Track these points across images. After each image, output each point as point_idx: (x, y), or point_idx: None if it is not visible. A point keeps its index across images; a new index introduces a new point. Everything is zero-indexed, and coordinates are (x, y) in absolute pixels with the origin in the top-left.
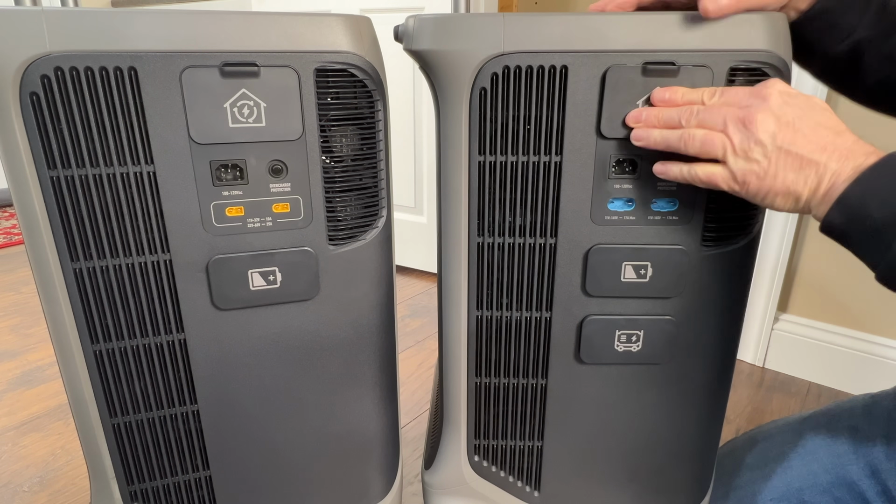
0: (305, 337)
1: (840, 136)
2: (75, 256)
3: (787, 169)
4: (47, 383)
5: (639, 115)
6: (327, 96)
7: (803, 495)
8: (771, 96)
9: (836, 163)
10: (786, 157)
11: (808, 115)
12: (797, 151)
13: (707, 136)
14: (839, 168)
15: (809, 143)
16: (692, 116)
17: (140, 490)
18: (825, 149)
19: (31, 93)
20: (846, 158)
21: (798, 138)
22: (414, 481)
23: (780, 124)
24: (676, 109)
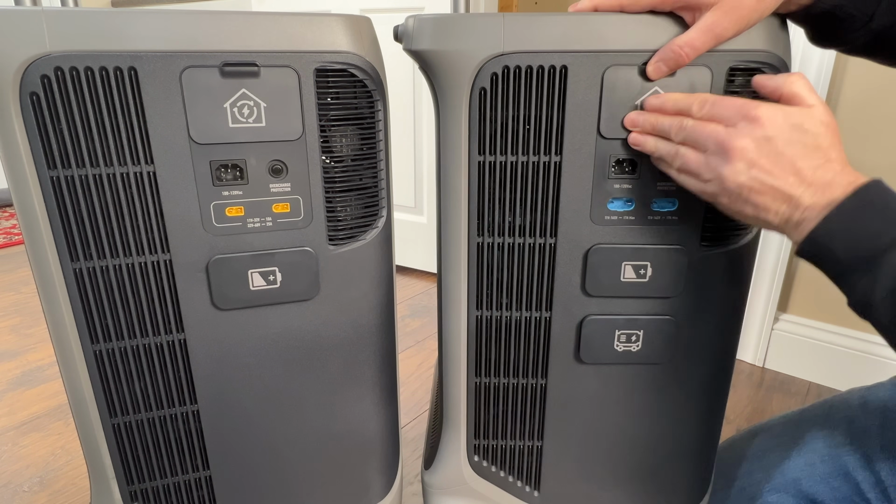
0: (305, 337)
1: (822, 167)
2: (75, 256)
3: (758, 197)
4: (47, 383)
5: (635, 120)
6: (327, 96)
7: (801, 485)
8: (759, 119)
9: (811, 197)
10: (760, 186)
11: (795, 141)
12: (771, 183)
13: (686, 155)
14: (812, 202)
15: (787, 175)
16: (680, 130)
17: (140, 490)
18: (803, 181)
19: (31, 93)
20: (822, 192)
21: (776, 170)
22: (414, 481)
23: (761, 153)
24: (668, 119)
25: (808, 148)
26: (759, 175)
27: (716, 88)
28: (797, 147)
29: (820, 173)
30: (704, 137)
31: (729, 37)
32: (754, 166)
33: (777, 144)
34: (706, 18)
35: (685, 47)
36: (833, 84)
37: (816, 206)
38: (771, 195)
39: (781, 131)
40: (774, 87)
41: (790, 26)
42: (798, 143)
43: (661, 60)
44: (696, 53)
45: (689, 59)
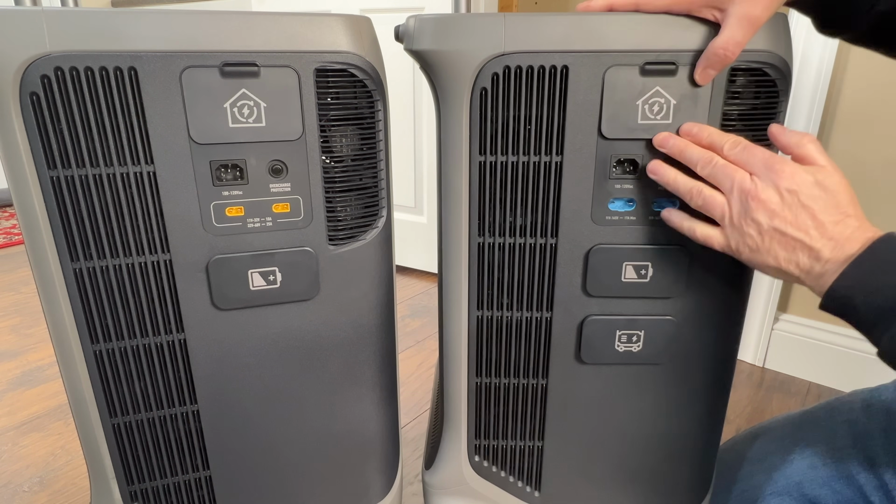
0: (305, 337)
1: (842, 222)
2: (75, 256)
3: (780, 248)
4: (47, 383)
5: (665, 141)
6: (327, 96)
7: (803, 488)
8: (783, 174)
9: (830, 251)
10: (780, 237)
11: (817, 196)
12: (793, 234)
13: (711, 198)
14: (832, 256)
15: (808, 228)
16: (707, 165)
17: (140, 490)
18: (823, 234)
19: (31, 93)
20: (841, 247)
21: (799, 221)
22: (414, 481)
23: (783, 205)
24: (698, 151)
25: (829, 204)
26: (781, 226)
27: (717, 89)
28: (818, 202)
29: (839, 228)
30: (730, 181)
31: (765, 19)
32: (776, 217)
33: (800, 198)
34: (737, 9)
35: (729, 45)
36: (833, 84)
37: (836, 261)
38: (792, 246)
39: (804, 186)
40: (787, 143)
41: (791, 27)
42: (819, 198)
43: (708, 66)
44: (740, 48)
45: (734, 57)
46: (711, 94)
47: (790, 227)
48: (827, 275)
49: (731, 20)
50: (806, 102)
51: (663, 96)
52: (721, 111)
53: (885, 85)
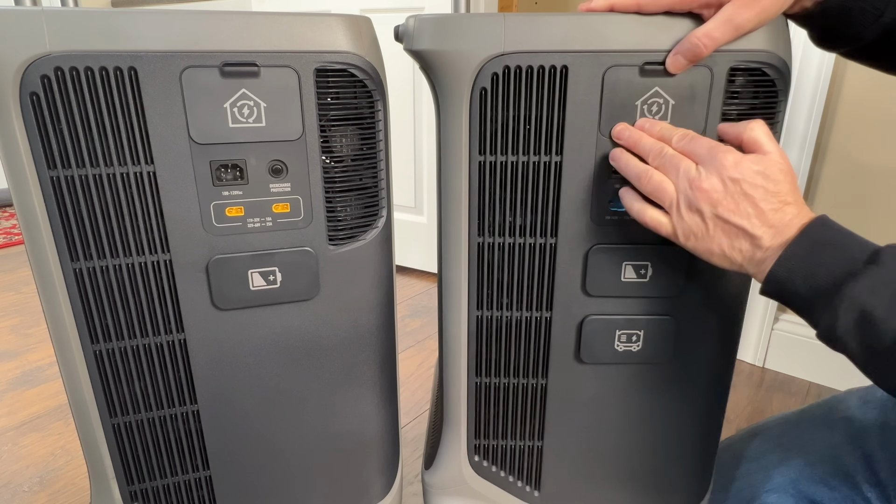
0: (305, 337)
1: (781, 210)
2: (75, 256)
3: (723, 235)
4: (47, 383)
5: (620, 133)
6: (327, 96)
7: (800, 486)
8: (727, 162)
9: (770, 238)
10: (724, 225)
11: (758, 186)
12: (735, 222)
13: (660, 185)
14: (771, 243)
15: (749, 215)
16: (658, 156)
17: (140, 490)
18: (764, 222)
19: (31, 93)
20: (780, 233)
21: (740, 209)
22: (414, 481)
23: (726, 193)
24: (650, 142)
25: (769, 192)
26: (723, 213)
27: (716, 89)
28: (759, 190)
29: (779, 216)
30: (678, 171)
31: (749, 29)
32: (719, 205)
33: (742, 186)
34: (725, 10)
35: (703, 38)
36: (833, 84)
37: (775, 247)
38: (735, 234)
39: (747, 174)
40: (735, 133)
41: (791, 27)
42: (760, 186)
43: (679, 53)
44: (716, 45)
45: (708, 51)
46: (710, 94)
47: (732, 214)
48: (767, 261)
49: (717, 17)
50: (806, 102)
51: (662, 96)
52: (720, 111)
53: (885, 85)
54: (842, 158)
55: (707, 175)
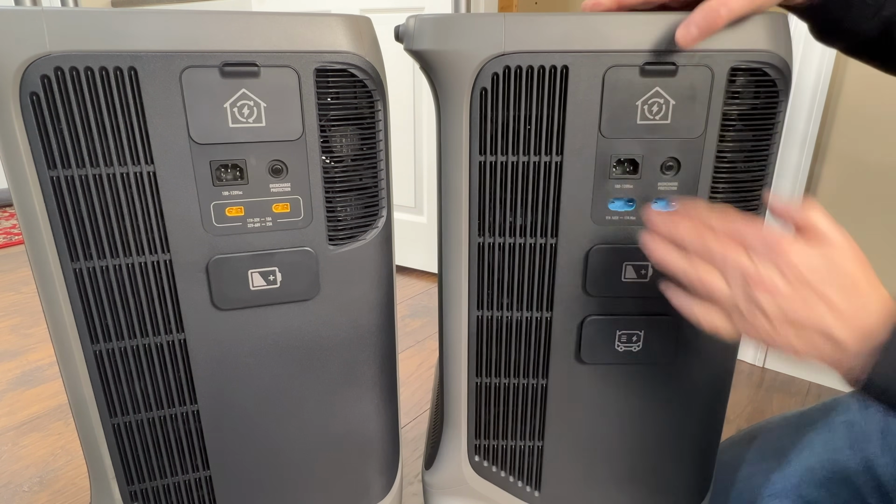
0: (305, 337)
1: (864, 308)
2: (75, 256)
3: (796, 338)
4: (47, 383)
5: (652, 220)
6: (327, 96)
7: (800, 490)
8: (787, 252)
9: (856, 342)
10: (793, 327)
11: (829, 281)
12: (807, 323)
13: (710, 284)
14: (860, 348)
15: (823, 315)
16: (701, 248)
17: (140, 490)
18: (844, 324)
19: (31, 93)
20: (867, 336)
21: (811, 308)
22: (414, 481)
23: (791, 289)
24: (688, 228)
25: (844, 287)
26: (791, 314)
27: (717, 89)
28: (832, 286)
29: (862, 315)
30: (724, 260)
31: (766, 5)
32: (784, 303)
33: (809, 280)
34: None
35: (722, 7)
36: (833, 84)
37: (863, 352)
38: (809, 337)
39: (814, 266)
40: (788, 213)
41: (791, 27)
42: (833, 281)
43: (692, 23)
44: (732, 15)
45: (724, 22)
46: (711, 94)
47: (801, 315)
48: (857, 368)
49: None
50: (806, 102)
51: (663, 96)
52: (721, 111)
53: (885, 85)
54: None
55: (765, 266)
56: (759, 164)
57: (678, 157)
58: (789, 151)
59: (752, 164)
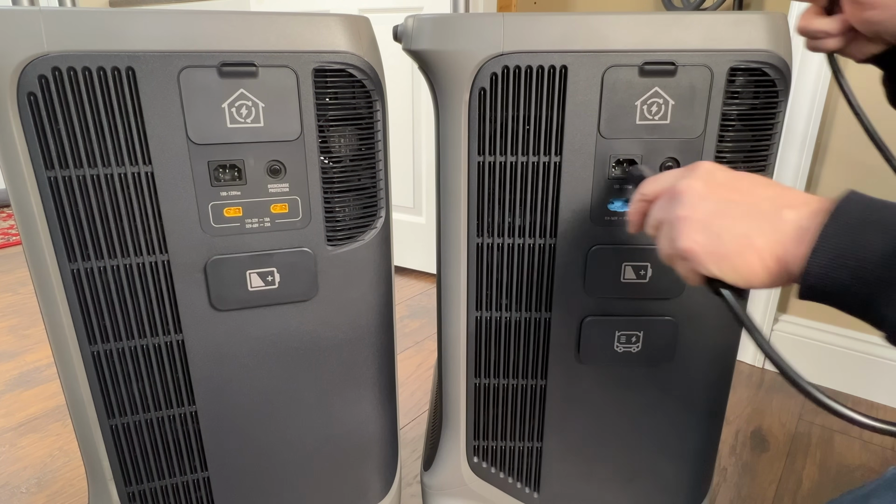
0: (304, 338)
1: (790, 192)
2: (73, 257)
3: (732, 221)
4: (45, 384)
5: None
6: (325, 96)
7: None
8: (697, 168)
9: (796, 218)
10: (725, 208)
11: (743, 177)
12: (737, 199)
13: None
14: (802, 223)
15: (750, 192)
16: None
17: (138, 491)
18: (776, 202)
19: (28, 93)
20: (805, 215)
21: (737, 188)
22: (413, 482)
23: (710, 184)
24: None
25: (763, 183)
26: (718, 201)
27: (716, 89)
28: (748, 179)
29: (791, 196)
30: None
31: None
32: (714, 195)
33: (727, 175)
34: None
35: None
36: (833, 84)
37: (809, 230)
38: (744, 217)
39: (723, 171)
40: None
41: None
42: (747, 177)
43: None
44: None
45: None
46: (710, 95)
47: (732, 196)
48: (798, 258)
49: None
50: (806, 103)
51: (662, 97)
52: (720, 111)
53: None
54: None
55: (680, 181)
56: (759, 164)
57: (677, 157)
58: (789, 151)
59: (751, 164)
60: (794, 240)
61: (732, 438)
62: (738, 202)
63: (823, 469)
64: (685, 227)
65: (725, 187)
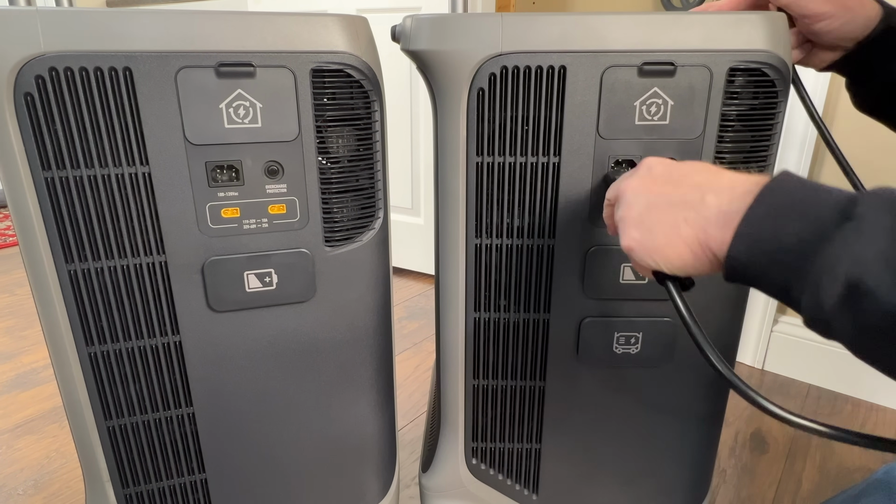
0: (301, 339)
1: (721, 174)
2: (70, 258)
3: (666, 213)
4: (42, 386)
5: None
6: (323, 97)
7: None
8: (641, 166)
9: (718, 202)
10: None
11: (677, 165)
12: (667, 192)
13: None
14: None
15: (680, 183)
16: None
17: (135, 493)
18: (701, 186)
19: (25, 93)
20: (731, 199)
21: (671, 179)
22: (411, 484)
23: (647, 179)
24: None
25: (699, 169)
26: (652, 194)
27: (716, 89)
28: (682, 168)
29: (719, 179)
30: (615, 215)
31: None
32: (647, 191)
33: (665, 171)
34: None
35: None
36: (833, 84)
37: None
38: (674, 207)
39: (661, 164)
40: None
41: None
42: (681, 165)
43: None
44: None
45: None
46: (710, 95)
47: (663, 188)
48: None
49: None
50: None
51: (661, 97)
52: (719, 112)
53: None
54: None
55: (626, 178)
56: (759, 164)
57: (677, 157)
58: (789, 152)
59: (751, 164)
60: (718, 225)
61: (732, 440)
62: (668, 194)
63: (823, 471)
64: (624, 227)
65: (660, 180)
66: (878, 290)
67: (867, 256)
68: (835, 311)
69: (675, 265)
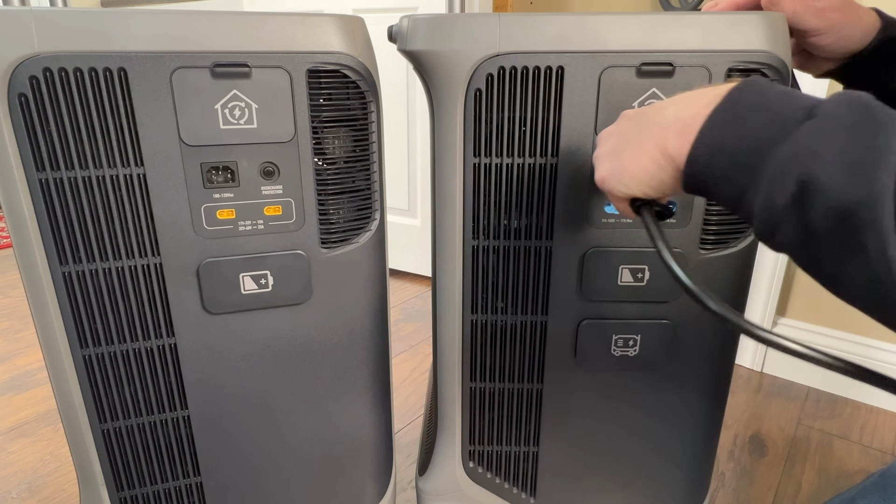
0: (297, 341)
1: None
2: (64, 260)
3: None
4: (36, 388)
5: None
6: (319, 97)
7: None
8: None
9: (685, 108)
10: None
11: (655, 104)
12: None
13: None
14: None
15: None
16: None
17: (130, 496)
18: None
19: (19, 94)
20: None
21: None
22: (408, 487)
23: (623, 121)
24: None
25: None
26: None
27: None
28: (657, 104)
29: (690, 94)
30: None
31: None
32: (617, 129)
33: (639, 109)
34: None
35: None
36: (833, 84)
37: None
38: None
39: (637, 109)
40: None
41: None
42: (657, 103)
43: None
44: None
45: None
46: None
47: (633, 122)
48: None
49: None
50: None
51: (660, 97)
52: None
53: None
54: None
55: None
56: None
57: None
58: None
59: None
60: (678, 132)
61: (731, 443)
62: (638, 124)
63: (822, 474)
64: (598, 164)
65: (632, 118)
66: (831, 185)
67: (825, 153)
68: (786, 210)
69: (643, 180)
